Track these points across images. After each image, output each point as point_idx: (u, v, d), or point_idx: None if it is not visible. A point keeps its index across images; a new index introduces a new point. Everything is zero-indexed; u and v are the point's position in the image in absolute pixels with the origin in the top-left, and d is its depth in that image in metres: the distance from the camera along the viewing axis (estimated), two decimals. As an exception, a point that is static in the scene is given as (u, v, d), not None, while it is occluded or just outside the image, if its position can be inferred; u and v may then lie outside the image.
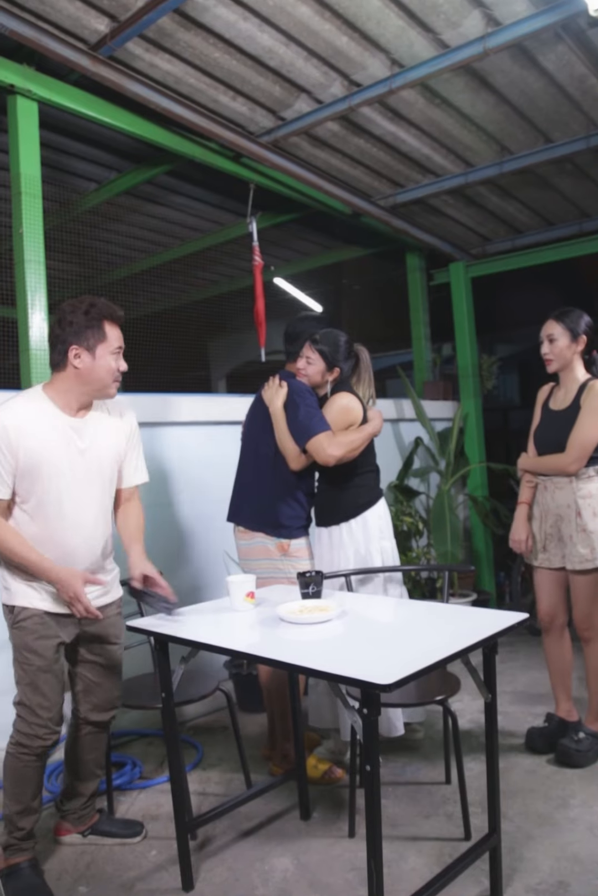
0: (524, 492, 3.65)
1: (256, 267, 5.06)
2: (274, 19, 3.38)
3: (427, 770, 3.48)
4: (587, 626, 3.48)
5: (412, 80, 3.77)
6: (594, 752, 3.45)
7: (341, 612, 2.57)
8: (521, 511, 3.64)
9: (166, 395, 4.35)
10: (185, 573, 4.32)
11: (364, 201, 5.39)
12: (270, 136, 4.38)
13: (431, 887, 2.30)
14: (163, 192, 5.86)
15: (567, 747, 3.43)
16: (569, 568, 3.43)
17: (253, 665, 4.08)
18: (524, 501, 3.64)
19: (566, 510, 3.44)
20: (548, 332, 3.52)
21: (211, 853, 2.88)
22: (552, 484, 3.49)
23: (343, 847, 2.88)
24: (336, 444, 3.31)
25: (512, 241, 6.42)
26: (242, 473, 3.61)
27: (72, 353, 2.60)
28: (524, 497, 3.64)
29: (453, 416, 6.41)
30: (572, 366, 3.52)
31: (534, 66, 3.80)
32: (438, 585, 5.64)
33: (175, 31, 3.42)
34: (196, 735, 4.01)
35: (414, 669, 1.91)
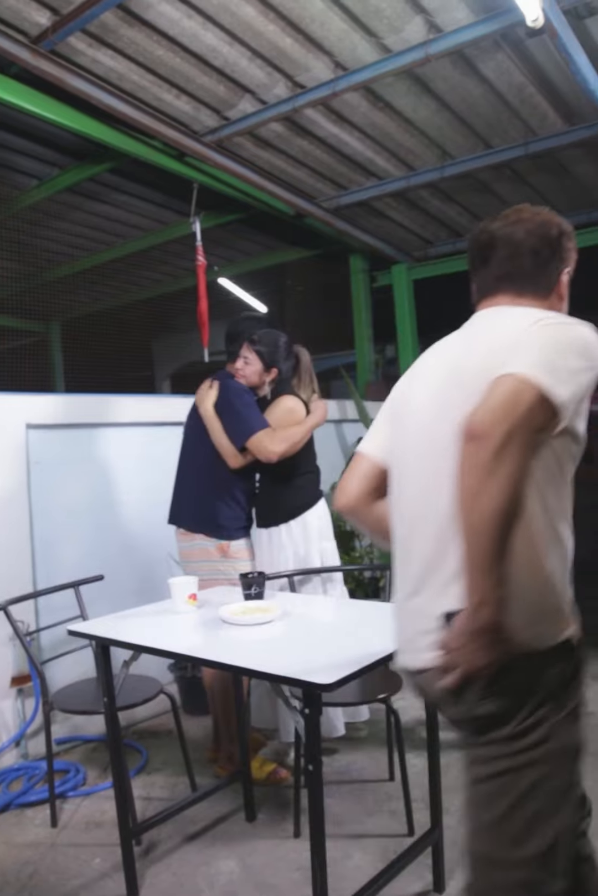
0: None
1: (200, 267, 5.03)
2: (218, 18, 3.37)
3: (371, 768, 3.50)
4: None
5: (356, 83, 3.79)
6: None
7: (283, 613, 2.57)
8: None
9: (108, 396, 4.30)
10: (128, 576, 4.27)
11: (308, 202, 5.40)
12: (214, 135, 4.36)
13: (375, 883, 2.32)
14: (106, 190, 5.79)
15: None
16: None
17: (197, 667, 4.05)
18: None
19: None
20: None
21: (156, 858, 2.86)
22: None
23: (289, 847, 2.88)
24: (277, 439, 3.31)
25: (453, 244, 6.51)
26: (181, 474, 3.59)
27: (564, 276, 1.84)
28: None
29: (395, 417, 6.45)
30: None
31: (474, 74, 3.86)
32: (381, 584, 5.67)
33: (118, 27, 3.38)
34: (141, 739, 3.97)
35: (355, 669, 1.93)
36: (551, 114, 4.28)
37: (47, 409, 3.97)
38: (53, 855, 2.90)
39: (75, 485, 4.09)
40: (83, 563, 3.93)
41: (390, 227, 6.08)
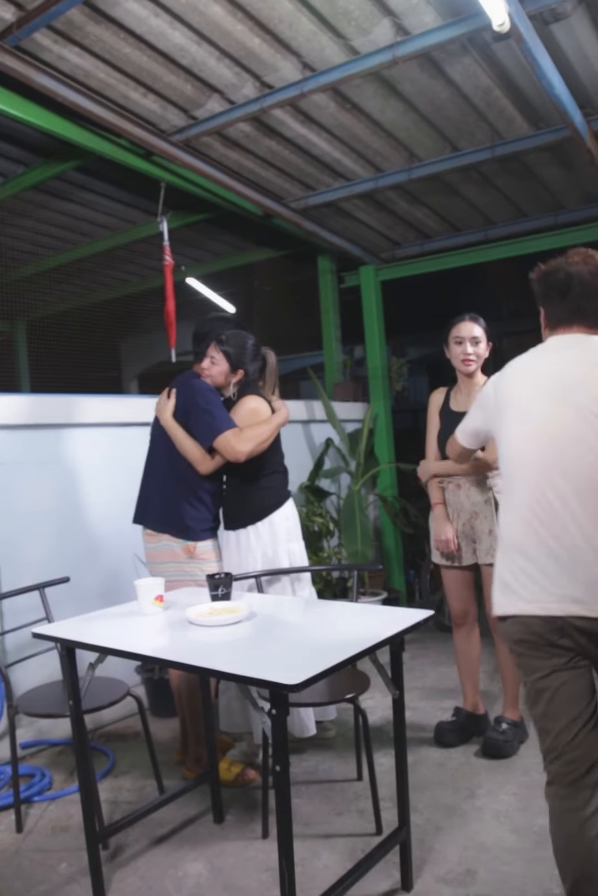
0: (436, 493, 3.73)
1: (167, 266, 5.01)
2: (186, 17, 3.36)
3: (340, 768, 3.51)
4: None
5: (324, 84, 3.80)
6: (517, 741, 3.58)
7: (251, 613, 2.57)
8: (440, 511, 3.71)
9: (73, 396, 4.26)
10: (94, 577, 4.24)
11: (276, 203, 5.40)
12: (181, 134, 4.34)
13: (343, 883, 2.33)
14: (72, 189, 5.74)
15: (495, 739, 3.54)
16: (486, 562, 3.53)
17: (165, 669, 4.04)
18: (439, 502, 3.72)
19: (482, 506, 3.57)
20: (473, 335, 3.63)
21: (123, 862, 2.84)
22: (467, 482, 3.60)
23: (257, 848, 2.88)
24: (244, 439, 3.30)
25: (421, 245, 6.55)
26: (148, 475, 3.57)
27: None
28: (438, 497, 3.72)
29: (363, 418, 6.50)
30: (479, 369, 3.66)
31: (441, 76, 3.89)
32: (349, 585, 5.70)
33: (85, 24, 3.35)
34: (107, 742, 3.94)
35: (321, 668, 1.93)
36: (517, 117, 4.32)
37: (12, 409, 3.92)
38: (19, 861, 2.87)
39: (40, 486, 4.05)
40: (48, 564, 3.89)
41: (357, 228, 6.10)
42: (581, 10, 3.37)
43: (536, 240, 6.01)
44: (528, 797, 3.10)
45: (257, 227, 6.18)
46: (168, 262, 5.03)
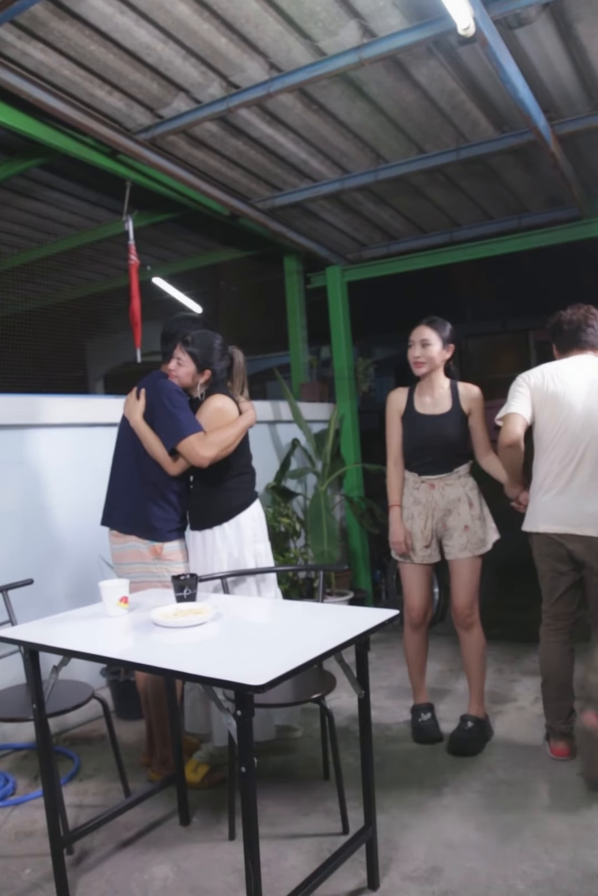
0: (395, 494, 3.78)
1: (132, 266, 4.98)
2: (152, 15, 3.34)
3: (306, 768, 3.52)
4: (469, 613, 3.71)
5: (290, 84, 3.80)
6: (483, 739, 3.64)
7: (216, 614, 2.56)
8: (396, 513, 3.77)
9: (37, 397, 4.21)
10: (59, 579, 4.20)
11: (242, 203, 5.39)
12: (147, 133, 4.32)
13: (310, 883, 2.33)
14: (36, 187, 5.68)
15: (460, 738, 3.61)
16: (459, 557, 3.65)
17: (130, 671, 4.01)
18: (396, 504, 3.77)
19: (455, 503, 3.68)
20: (422, 337, 3.67)
21: (88, 867, 2.82)
22: (441, 482, 3.68)
23: (224, 850, 2.87)
24: (208, 444, 3.29)
25: (387, 247, 6.58)
26: (114, 476, 3.55)
27: None
28: (396, 500, 3.78)
29: (329, 418, 6.51)
30: (438, 371, 3.70)
31: (407, 79, 3.91)
32: (315, 585, 5.71)
33: (49, 20, 3.31)
34: (73, 745, 3.91)
35: (287, 669, 1.93)
36: (482, 120, 4.36)
37: (-25, 409, 3.88)
38: (-18, 867, 2.84)
39: (4, 487, 4.00)
40: (12, 566, 3.84)
41: (324, 228, 6.11)
42: (545, 16, 3.41)
43: (501, 242, 6.07)
44: (493, 794, 3.14)
45: (224, 227, 6.17)
46: (134, 261, 5.00)
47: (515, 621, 5.69)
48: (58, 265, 7.33)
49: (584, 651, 3.49)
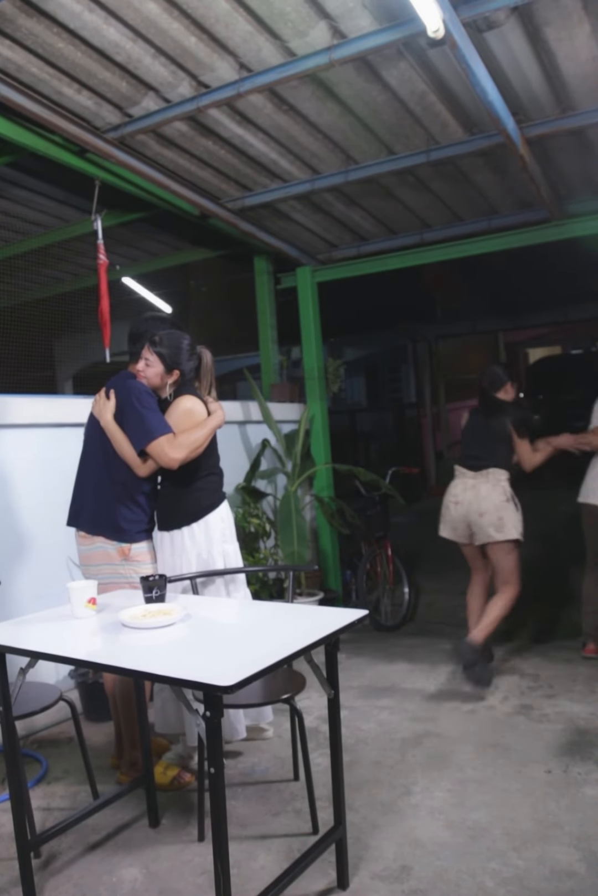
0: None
1: (101, 265, 4.95)
2: (120, 13, 3.32)
3: (276, 768, 3.52)
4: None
5: (260, 85, 3.79)
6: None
7: (186, 615, 2.55)
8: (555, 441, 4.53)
9: (3, 396, 4.16)
10: (26, 581, 4.15)
11: (212, 203, 5.38)
12: (116, 132, 4.29)
13: (279, 883, 2.33)
14: (3, 185, 5.62)
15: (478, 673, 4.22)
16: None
17: (99, 673, 3.98)
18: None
19: (491, 505, 4.39)
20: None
21: (56, 870, 2.79)
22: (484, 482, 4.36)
23: (193, 852, 2.86)
24: (178, 446, 3.27)
25: (357, 247, 6.59)
26: (81, 476, 3.52)
27: None
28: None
29: (299, 419, 6.51)
30: None
31: (378, 80, 3.92)
32: (285, 585, 5.71)
33: (16, 17, 3.28)
34: (40, 748, 3.87)
35: (256, 669, 1.93)
36: (452, 122, 4.38)
37: (-60, 409, 3.82)
38: (-53, 872, 2.80)
39: (-29, 488, 3.95)
40: (-21, 568, 3.81)
41: (294, 229, 6.11)
42: (514, 20, 3.44)
43: (471, 243, 6.11)
44: (462, 793, 3.16)
45: (194, 227, 6.15)
46: (102, 260, 4.97)
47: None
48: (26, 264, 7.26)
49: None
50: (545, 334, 19.23)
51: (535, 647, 5.09)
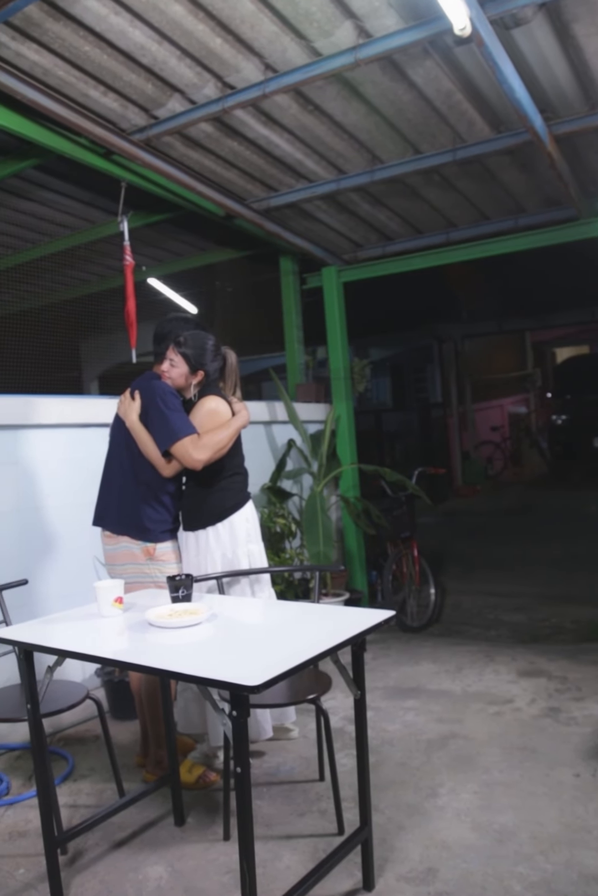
0: None
1: (127, 266, 4.97)
2: (146, 16, 3.33)
3: (302, 769, 3.51)
4: None
5: (286, 85, 3.80)
6: None
7: (212, 615, 2.56)
8: None
9: (31, 397, 4.21)
10: (53, 580, 4.19)
11: (238, 204, 5.39)
12: (142, 134, 4.31)
13: (305, 883, 2.33)
14: (31, 187, 5.67)
15: None
16: None
17: (125, 671, 4.01)
18: None
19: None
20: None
21: (82, 867, 2.81)
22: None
23: (218, 851, 2.87)
24: (201, 447, 3.28)
25: (383, 247, 6.58)
26: (107, 476, 3.54)
27: None
28: None
29: (325, 419, 6.51)
30: None
31: (403, 79, 3.91)
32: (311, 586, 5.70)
33: (43, 21, 3.31)
34: (67, 746, 3.90)
35: (282, 670, 1.93)
36: (478, 121, 4.36)
37: (-31, 409, 3.87)
38: (-24, 867, 2.83)
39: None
40: (6, 567, 3.84)
41: (320, 229, 6.11)
42: (541, 16, 3.41)
43: (497, 243, 6.07)
44: (489, 796, 3.13)
45: (219, 228, 6.17)
46: (129, 261, 4.99)
47: (511, 622, 5.70)
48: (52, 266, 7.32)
49: None
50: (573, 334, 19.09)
51: (562, 648, 5.04)
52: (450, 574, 7.23)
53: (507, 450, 17.45)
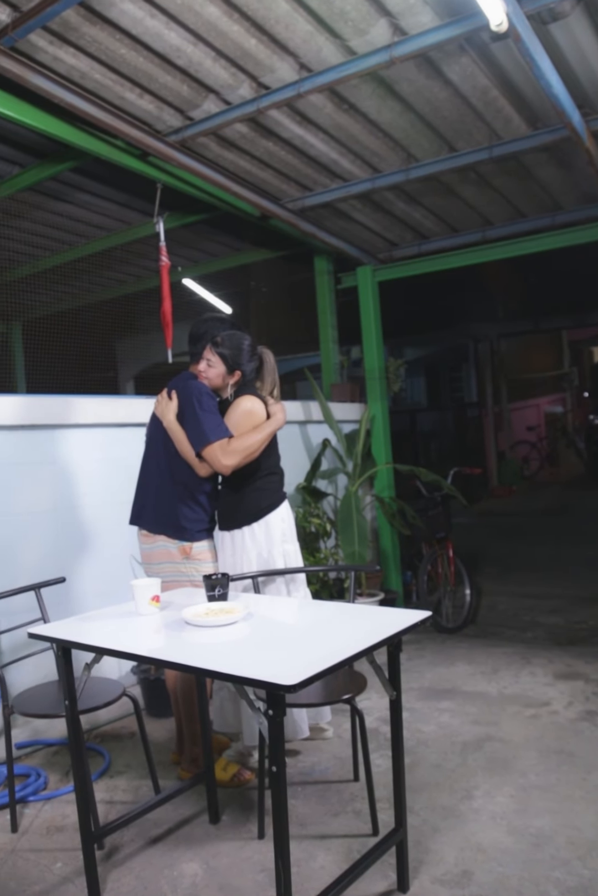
0: None
1: (163, 267, 5.01)
2: (182, 18, 3.35)
3: (336, 769, 3.51)
4: None
5: (320, 84, 3.80)
6: None
7: (248, 614, 2.56)
8: None
9: (69, 397, 4.25)
10: (90, 578, 4.23)
11: (273, 204, 5.40)
12: (177, 135, 4.34)
13: (339, 884, 2.32)
14: (68, 189, 5.74)
15: None
16: None
17: (161, 669, 4.03)
18: None
19: None
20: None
21: (118, 862, 2.83)
22: None
23: (253, 849, 2.87)
24: (230, 452, 3.27)
25: (418, 246, 6.55)
26: (144, 476, 3.56)
27: None
28: None
29: (360, 418, 6.49)
30: None
31: (439, 77, 3.89)
32: (345, 586, 5.70)
33: (80, 25, 3.35)
34: (103, 742, 3.93)
35: (319, 669, 1.92)
36: (515, 117, 4.32)
37: (8, 409, 3.92)
38: (14, 860, 2.87)
39: (36, 486, 4.04)
40: (44, 565, 3.89)
41: (355, 228, 6.10)
42: (580, 10, 3.37)
43: (534, 240, 6.02)
44: (525, 799, 3.10)
45: (254, 228, 6.19)
46: (164, 262, 5.02)
47: (548, 624, 5.64)
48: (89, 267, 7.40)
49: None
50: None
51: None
52: (485, 575, 7.18)
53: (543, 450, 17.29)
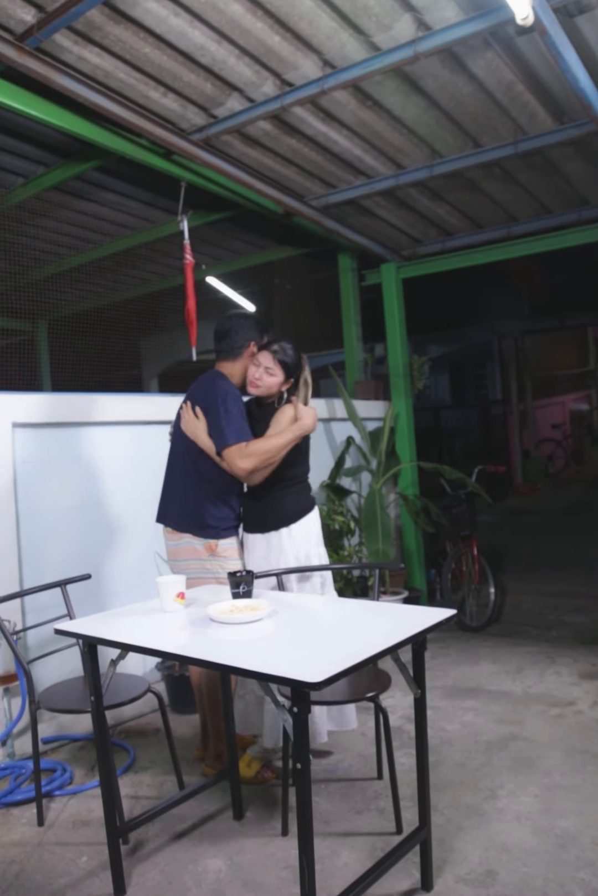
0: None
1: (187, 265, 5.02)
2: (205, 16, 3.36)
3: (360, 766, 3.50)
4: None
5: (344, 81, 3.79)
6: None
7: (272, 611, 2.57)
8: None
9: (94, 395, 4.28)
10: (115, 574, 4.26)
11: (296, 201, 5.40)
12: (201, 133, 4.35)
13: (363, 881, 2.32)
14: (92, 188, 5.77)
15: None
16: None
17: (185, 666, 4.05)
18: None
19: None
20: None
21: (143, 857, 2.85)
22: None
23: (277, 846, 2.88)
24: (247, 455, 3.23)
25: (442, 243, 6.51)
26: (170, 474, 3.57)
27: None
28: None
29: (384, 416, 6.48)
30: None
31: (463, 72, 3.86)
32: (369, 583, 5.68)
33: (105, 24, 3.36)
34: (128, 738, 3.96)
35: (343, 667, 1.92)
36: (540, 112, 4.29)
37: (34, 407, 3.95)
38: (40, 854, 2.89)
39: (62, 484, 4.07)
40: (70, 561, 3.92)
41: (378, 225, 6.08)
42: (606, 3, 3.34)
43: (559, 236, 5.96)
44: (550, 799, 3.08)
45: (278, 226, 6.19)
46: (189, 260, 5.03)
47: (573, 623, 5.59)
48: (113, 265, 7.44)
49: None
50: (638, 329, 18.62)
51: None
52: (510, 573, 7.14)
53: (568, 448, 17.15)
